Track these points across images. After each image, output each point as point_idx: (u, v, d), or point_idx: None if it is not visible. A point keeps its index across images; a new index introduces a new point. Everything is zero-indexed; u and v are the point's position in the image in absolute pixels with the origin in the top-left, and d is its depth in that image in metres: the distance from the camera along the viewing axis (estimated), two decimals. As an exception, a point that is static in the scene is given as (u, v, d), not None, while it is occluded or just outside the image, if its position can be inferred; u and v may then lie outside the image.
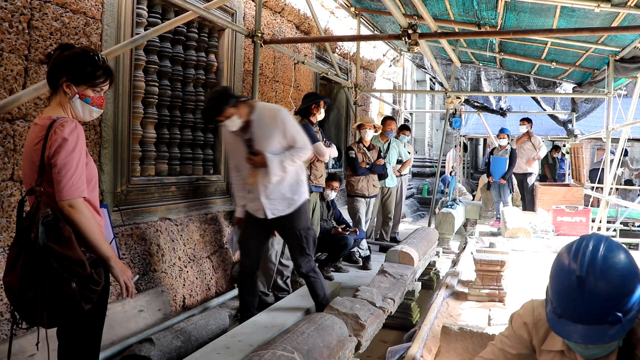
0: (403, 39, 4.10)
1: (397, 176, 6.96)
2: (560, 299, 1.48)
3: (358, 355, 3.01)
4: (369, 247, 6.08)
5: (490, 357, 1.83)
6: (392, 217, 6.85)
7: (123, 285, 2.01)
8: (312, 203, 4.94)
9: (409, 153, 7.46)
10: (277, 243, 4.36)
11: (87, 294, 1.91)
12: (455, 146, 12.69)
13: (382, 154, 6.17)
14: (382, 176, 6.29)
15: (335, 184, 5.49)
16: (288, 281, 4.61)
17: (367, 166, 5.87)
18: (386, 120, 6.77)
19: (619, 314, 1.39)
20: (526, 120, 8.80)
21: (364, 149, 5.95)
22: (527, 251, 5.33)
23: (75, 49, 2.11)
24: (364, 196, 5.92)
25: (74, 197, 1.94)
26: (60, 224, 1.90)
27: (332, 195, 5.53)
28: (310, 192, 4.75)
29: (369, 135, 5.98)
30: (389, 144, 6.67)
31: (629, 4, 4.36)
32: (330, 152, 5.09)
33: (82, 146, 1.99)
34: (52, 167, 1.94)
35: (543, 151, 8.79)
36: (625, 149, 13.18)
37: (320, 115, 4.87)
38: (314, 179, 4.86)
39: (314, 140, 4.78)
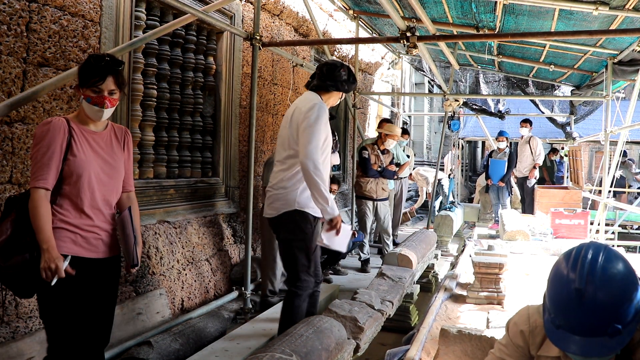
0: (401, 41, 4.10)
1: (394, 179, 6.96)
2: (559, 310, 1.45)
3: (357, 358, 3.00)
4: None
5: None
6: (391, 220, 6.84)
7: (42, 269, 2.06)
8: None
9: (408, 156, 7.46)
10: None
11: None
12: (454, 145, 12.69)
13: (394, 160, 6.18)
14: None
15: (334, 187, 5.49)
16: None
17: (379, 169, 5.88)
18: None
19: (619, 326, 1.36)
20: (527, 122, 8.76)
21: (378, 151, 5.97)
22: (526, 254, 5.33)
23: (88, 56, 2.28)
24: (371, 199, 5.92)
25: (30, 185, 2.10)
26: (15, 208, 2.16)
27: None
28: None
29: (391, 144, 6.02)
30: None
31: (627, 6, 4.37)
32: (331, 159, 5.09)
33: (51, 140, 2.11)
34: None
35: (542, 157, 8.78)
36: (625, 151, 13.17)
37: None
38: None
39: None
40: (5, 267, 2.08)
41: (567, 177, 11.27)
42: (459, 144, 13.43)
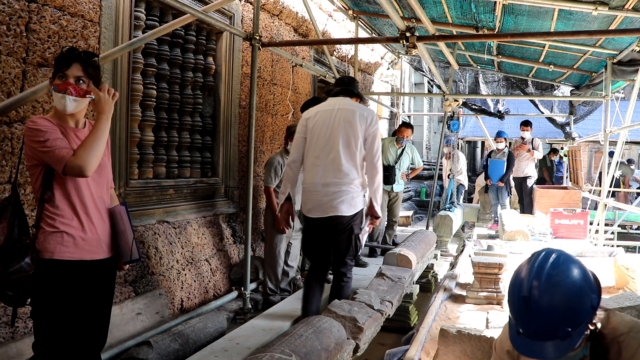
0: (401, 41, 4.10)
1: (404, 181, 6.93)
2: (514, 316, 1.50)
3: (356, 358, 3.00)
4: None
5: None
6: (397, 221, 6.83)
7: (103, 100, 2.12)
8: None
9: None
10: (280, 242, 4.38)
11: None
12: (453, 146, 12.67)
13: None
14: (389, 181, 6.26)
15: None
16: (292, 282, 4.68)
17: None
18: (402, 127, 6.70)
19: (568, 329, 1.40)
20: (529, 125, 8.72)
21: None
22: (525, 254, 5.32)
23: None
24: None
25: (61, 165, 2.02)
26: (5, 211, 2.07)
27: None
28: None
29: None
30: (402, 149, 6.64)
31: (626, 7, 4.37)
32: None
33: (53, 128, 2.07)
34: None
35: (539, 154, 8.79)
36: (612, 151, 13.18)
37: None
38: None
39: None
40: (8, 272, 1.97)
41: (567, 177, 11.27)
42: (458, 144, 13.42)
